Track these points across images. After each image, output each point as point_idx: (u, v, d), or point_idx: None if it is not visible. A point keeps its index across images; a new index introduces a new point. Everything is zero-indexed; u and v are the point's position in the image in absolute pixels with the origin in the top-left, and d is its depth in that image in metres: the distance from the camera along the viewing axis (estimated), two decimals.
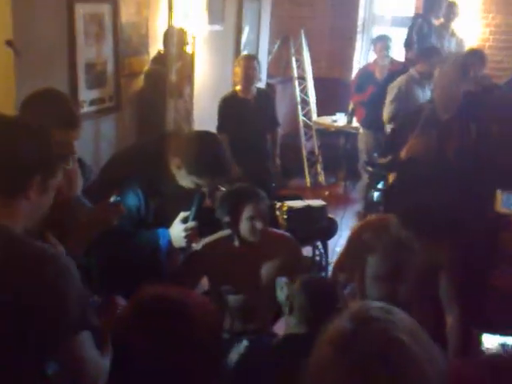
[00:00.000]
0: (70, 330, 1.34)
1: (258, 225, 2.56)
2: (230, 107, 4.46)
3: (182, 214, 2.48)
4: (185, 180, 2.42)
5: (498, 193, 2.08)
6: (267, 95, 4.88)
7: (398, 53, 6.16)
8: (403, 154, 3.18)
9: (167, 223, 2.48)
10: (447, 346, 2.65)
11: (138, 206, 2.38)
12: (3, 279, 1.33)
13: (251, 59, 4.54)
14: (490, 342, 2.09)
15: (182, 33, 4.27)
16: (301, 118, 7.09)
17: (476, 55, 4.64)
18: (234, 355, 2.35)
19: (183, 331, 1.30)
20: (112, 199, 2.07)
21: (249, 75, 4.40)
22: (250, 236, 2.60)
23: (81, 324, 1.36)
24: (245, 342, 2.36)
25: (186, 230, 2.45)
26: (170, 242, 2.47)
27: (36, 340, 1.34)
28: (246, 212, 2.56)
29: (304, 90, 7.15)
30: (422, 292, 2.71)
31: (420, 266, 2.67)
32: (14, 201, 1.43)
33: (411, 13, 6.64)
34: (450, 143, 3.09)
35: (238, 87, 4.51)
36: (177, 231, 2.46)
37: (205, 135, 2.56)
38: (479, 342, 2.10)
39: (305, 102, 7.15)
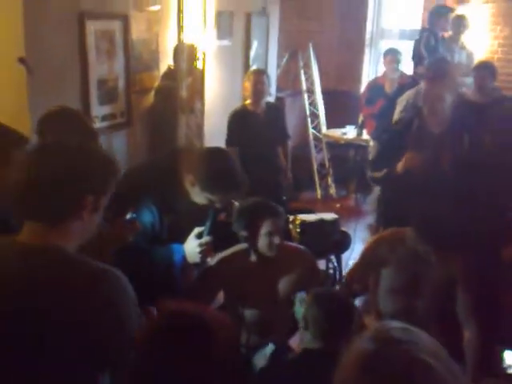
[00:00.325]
0: (126, 345, 1.35)
1: (276, 240, 2.56)
2: (239, 121, 4.46)
3: (197, 230, 2.48)
4: (198, 196, 2.42)
5: None
6: (277, 109, 4.89)
7: (407, 66, 6.17)
8: (399, 167, 3.17)
9: (182, 239, 2.48)
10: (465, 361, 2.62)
11: (153, 222, 2.38)
12: (60, 299, 1.34)
13: (261, 74, 4.55)
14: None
15: (192, 48, 4.30)
16: (310, 130, 7.10)
17: (487, 68, 4.63)
18: (260, 360, 2.35)
19: (203, 346, 1.29)
20: (128, 216, 2.07)
21: (258, 89, 4.41)
22: (267, 251, 2.59)
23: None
24: (271, 346, 2.36)
25: (200, 245, 2.45)
26: (184, 258, 2.46)
27: (92, 355, 1.36)
28: (265, 227, 2.55)
29: (313, 103, 7.16)
30: (440, 306, 2.69)
31: (436, 279, 2.65)
32: (68, 222, 1.43)
33: (418, 26, 6.65)
34: (445, 155, 3.08)
35: (248, 101, 4.52)
36: (191, 247, 2.45)
37: (217, 151, 2.57)
38: (501, 359, 2.07)
39: (314, 115, 7.16)
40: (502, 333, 2.88)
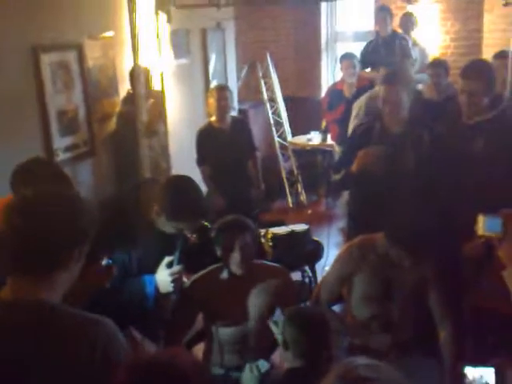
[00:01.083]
0: None
1: (236, 257, 2.59)
2: (206, 139, 4.49)
3: (167, 259, 2.48)
4: (165, 226, 2.43)
5: (480, 217, 2.11)
6: (242, 122, 4.92)
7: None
8: (354, 166, 3.22)
9: (152, 270, 2.48)
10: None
11: (124, 259, 2.38)
12: (52, 354, 1.34)
13: (223, 89, 4.58)
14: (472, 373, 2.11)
15: (146, 71, 4.30)
16: (276, 139, 7.15)
17: (441, 65, 4.73)
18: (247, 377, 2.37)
19: None
20: (104, 262, 2.07)
21: (222, 105, 4.44)
22: (236, 269, 2.62)
23: None
24: (263, 363, 2.37)
25: (171, 274, 2.46)
26: (156, 289, 2.46)
27: None
28: (237, 243, 2.59)
29: (276, 112, 7.22)
30: (414, 309, 2.73)
31: (409, 282, 2.70)
32: (54, 274, 1.43)
33: (372, 27, 6.77)
34: (407, 154, 3.14)
35: (213, 118, 4.55)
36: (163, 276, 2.46)
37: (179, 180, 2.58)
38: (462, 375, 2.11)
39: (278, 124, 7.22)
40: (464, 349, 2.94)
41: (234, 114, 5.83)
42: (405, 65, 4.99)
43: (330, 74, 7.63)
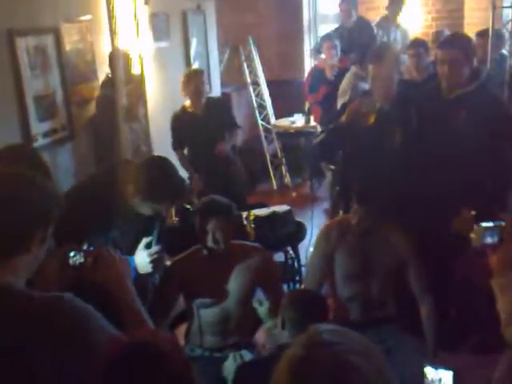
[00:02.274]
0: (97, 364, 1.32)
1: (218, 235, 2.61)
2: (180, 124, 4.45)
3: (145, 240, 2.48)
4: (141, 207, 2.43)
5: (477, 227, 2.09)
6: (218, 102, 4.83)
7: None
8: (344, 117, 3.23)
9: (130, 252, 2.47)
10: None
11: (102, 242, 2.37)
12: (18, 337, 1.31)
13: (199, 73, 4.52)
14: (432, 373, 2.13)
15: (125, 55, 4.25)
16: (259, 122, 7.13)
17: (421, 45, 4.72)
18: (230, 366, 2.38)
19: (159, 371, 1.29)
20: (84, 247, 2.04)
21: (199, 90, 4.40)
22: (214, 247, 2.64)
23: None
24: (244, 353, 2.39)
25: (150, 255, 2.45)
26: (135, 270, 2.45)
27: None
28: (209, 225, 2.62)
29: (259, 95, 7.19)
30: (394, 287, 2.76)
31: (388, 260, 2.72)
32: (16, 257, 1.40)
33: None
34: (394, 131, 3.15)
35: (187, 102, 4.50)
36: (141, 258, 2.46)
37: (154, 160, 2.59)
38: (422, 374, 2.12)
39: (261, 107, 7.19)
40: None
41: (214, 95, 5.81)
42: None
43: (312, 56, 7.60)
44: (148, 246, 2.48)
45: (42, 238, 1.44)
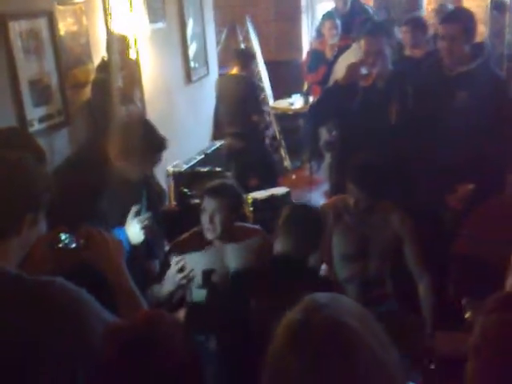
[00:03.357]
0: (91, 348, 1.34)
1: (217, 219, 2.60)
2: None
3: (134, 209, 2.48)
4: (127, 170, 2.44)
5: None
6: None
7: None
8: (342, 78, 3.21)
9: (121, 223, 2.50)
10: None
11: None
12: (11, 320, 1.31)
13: None
14: None
15: (123, 38, 4.20)
16: None
17: (415, 21, 4.67)
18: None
19: (157, 361, 1.28)
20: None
21: None
22: (206, 231, 2.62)
23: None
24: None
25: (140, 221, 2.46)
26: (128, 240, 2.46)
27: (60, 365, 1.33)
28: (209, 205, 2.61)
29: (257, 76, 7.13)
30: (391, 266, 2.76)
31: (384, 240, 2.71)
32: (7, 240, 1.40)
33: None
34: (391, 108, 3.12)
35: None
36: (132, 226, 2.47)
37: (131, 119, 2.60)
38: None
39: (259, 88, 7.13)
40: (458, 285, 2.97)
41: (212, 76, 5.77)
42: None
43: (310, 36, 7.53)
44: (138, 214, 2.49)
45: (33, 221, 1.44)
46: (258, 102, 5.44)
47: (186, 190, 3.48)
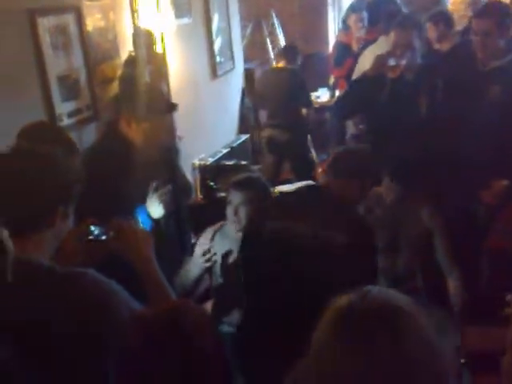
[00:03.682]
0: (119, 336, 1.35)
1: (242, 212, 2.60)
2: None
3: (153, 184, 2.52)
4: (141, 142, 2.48)
5: None
6: None
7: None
8: (370, 70, 3.17)
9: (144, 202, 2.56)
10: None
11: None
12: (47, 312, 1.33)
13: None
14: None
15: (149, 33, 4.22)
16: None
17: (440, 16, 4.61)
18: None
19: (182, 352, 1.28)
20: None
21: None
22: (230, 224, 2.62)
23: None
24: None
25: (159, 196, 2.52)
26: (149, 216, 2.53)
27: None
28: (229, 200, 2.63)
29: None
30: (421, 261, 2.73)
31: (415, 234, 2.68)
32: (40, 232, 1.43)
33: None
34: (421, 101, 3.09)
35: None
36: (151, 202, 2.53)
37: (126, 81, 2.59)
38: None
39: None
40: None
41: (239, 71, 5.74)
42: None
43: (337, 29, 7.47)
44: (156, 190, 2.54)
45: (65, 214, 1.46)
46: (308, 96, 5.47)
47: (211, 184, 3.49)
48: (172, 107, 2.60)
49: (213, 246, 2.71)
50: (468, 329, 2.44)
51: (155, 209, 2.54)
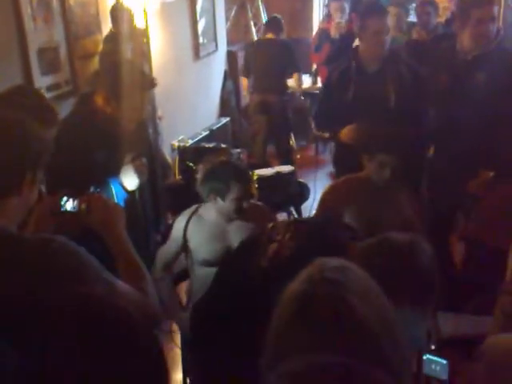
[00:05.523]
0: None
1: (245, 204, 2.60)
2: None
3: (128, 156, 2.51)
4: (119, 116, 2.47)
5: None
6: None
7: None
8: (343, 136, 3.16)
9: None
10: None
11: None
12: (14, 279, 1.31)
13: None
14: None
15: (128, 10, 4.17)
16: None
17: (430, 4, 4.63)
18: None
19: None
20: (91, 190, 2.02)
21: None
22: (233, 214, 2.62)
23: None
24: None
25: (134, 166, 2.52)
26: (123, 188, 2.52)
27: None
28: (233, 193, 2.56)
29: None
30: None
31: (395, 221, 2.70)
32: (7, 200, 1.41)
33: None
34: (386, 90, 3.09)
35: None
36: (126, 172, 2.52)
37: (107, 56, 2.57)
38: None
39: None
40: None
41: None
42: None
43: (322, 16, 7.46)
44: (132, 161, 2.55)
45: (32, 181, 1.44)
46: (297, 62, 5.81)
47: (191, 164, 3.48)
48: (151, 83, 2.57)
49: (190, 233, 2.71)
50: (439, 314, 2.48)
51: (130, 180, 2.53)
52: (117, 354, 0.99)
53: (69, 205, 1.64)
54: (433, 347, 2.28)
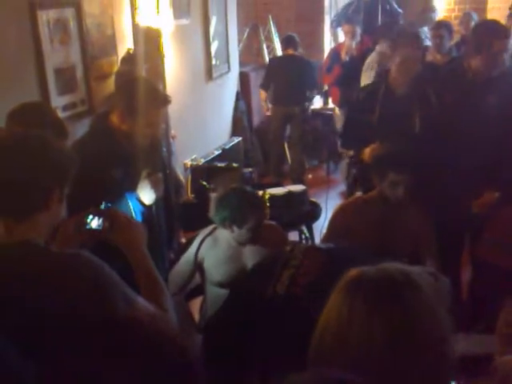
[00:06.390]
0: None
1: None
2: None
3: (145, 171, 2.57)
4: (135, 133, 2.51)
5: None
6: None
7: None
8: (366, 156, 3.19)
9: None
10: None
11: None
12: (41, 291, 1.34)
13: None
14: None
15: (149, 30, 4.25)
16: None
17: (445, 27, 4.67)
18: None
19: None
20: (102, 206, 2.07)
21: None
22: (250, 242, 2.64)
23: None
24: None
25: (150, 181, 2.55)
26: (140, 202, 2.57)
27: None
28: (249, 223, 2.58)
29: None
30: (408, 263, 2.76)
31: (405, 238, 2.71)
32: (36, 214, 1.45)
33: None
34: (413, 115, 3.13)
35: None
36: (142, 187, 2.56)
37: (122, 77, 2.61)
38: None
39: None
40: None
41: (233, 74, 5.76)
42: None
43: (333, 38, 7.54)
44: (148, 176, 2.59)
45: (60, 197, 1.49)
46: (315, 78, 6.19)
47: (204, 183, 3.51)
48: (165, 100, 2.62)
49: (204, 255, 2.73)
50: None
51: (147, 194, 2.56)
52: (143, 363, 1.03)
53: (94, 223, 1.68)
54: None
